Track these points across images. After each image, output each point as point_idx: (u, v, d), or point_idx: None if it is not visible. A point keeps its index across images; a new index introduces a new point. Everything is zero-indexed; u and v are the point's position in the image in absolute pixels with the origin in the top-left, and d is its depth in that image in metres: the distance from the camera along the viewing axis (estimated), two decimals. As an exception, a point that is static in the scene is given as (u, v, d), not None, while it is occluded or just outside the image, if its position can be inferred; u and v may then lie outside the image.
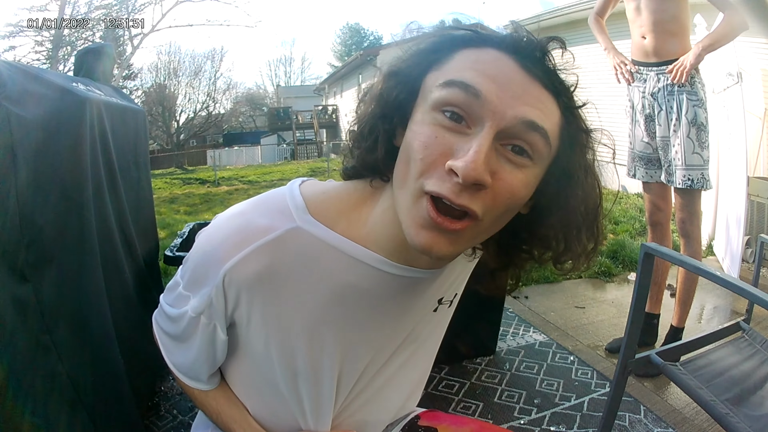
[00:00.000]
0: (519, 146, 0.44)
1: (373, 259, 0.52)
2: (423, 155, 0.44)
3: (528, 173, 0.46)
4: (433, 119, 0.45)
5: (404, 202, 0.46)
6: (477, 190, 0.43)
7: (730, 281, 0.93)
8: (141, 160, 1.70)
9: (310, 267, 0.52)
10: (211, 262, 0.52)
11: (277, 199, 0.54)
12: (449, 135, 0.44)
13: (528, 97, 0.44)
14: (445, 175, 0.43)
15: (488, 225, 0.47)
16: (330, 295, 0.54)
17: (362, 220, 0.53)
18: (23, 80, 0.90)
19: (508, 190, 0.44)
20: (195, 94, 25.50)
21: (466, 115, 0.44)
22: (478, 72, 0.44)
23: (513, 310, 2.37)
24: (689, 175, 1.74)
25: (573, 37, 6.66)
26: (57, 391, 0.89)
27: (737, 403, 1.06)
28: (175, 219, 5.29)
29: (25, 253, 0.83)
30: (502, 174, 0.44)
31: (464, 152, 0.42)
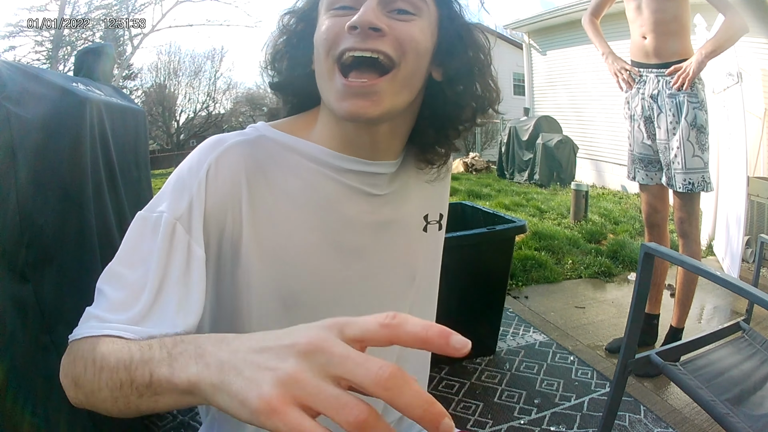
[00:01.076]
0: (398, 8, 0.52)
1: (329, 154, 0.56)
2: (326, 35, 0.52)
3: (418, 22, 0.53)
4: (329, 15, 0.53)
5: (325, 87, 0.53)
6: (378, 36, 0.49)
7: (730, 281, 0.93)
8: (141, 160, 1.70)
9: (281, 167, 0.55)
10: (190, 166, 0.51)
11: None
12: (344, 18, 0.51)
13: None
14: (347, 37, 0.50)
15: (407, 71, 0.52)
16: (300, 200, 0.55)
17: (311, 133, 0.58)
18: (23, 80, 0.90)
19: (407, 33, 0.51)
20: (195, 94, 25.48)
21: (353, 2, 0.51)
22: None
23: (513, 310, 2.37)
24: (690, 178, 1.74)
25: (573, 37, 6.67)
26: (57, 391, 0.89)
27: (737, 403, 1.06)
28: (175, 219, 5.29)
29: (25, 253, 0.83)
30: (396, 25, 0.51)
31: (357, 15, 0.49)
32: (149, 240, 0.48)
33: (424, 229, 0.67)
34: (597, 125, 6.73)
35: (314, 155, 0.56)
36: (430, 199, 0.68)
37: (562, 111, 7.35)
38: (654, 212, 1.94)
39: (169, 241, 0.47)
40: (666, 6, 1.70)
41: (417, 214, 0.66)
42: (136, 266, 0.47)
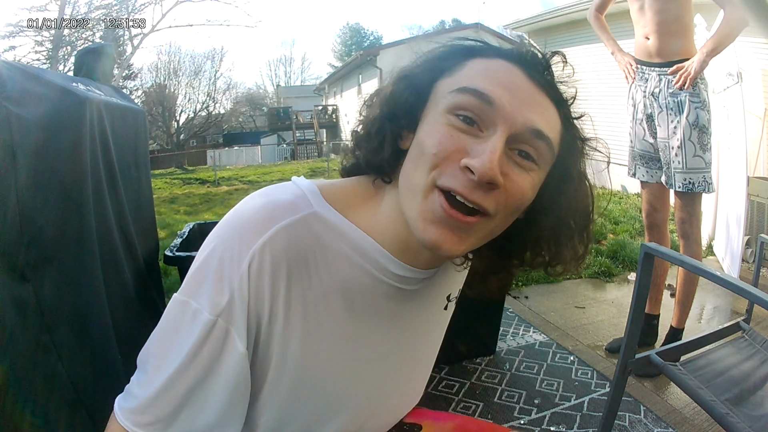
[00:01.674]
0: (526, 151, 0.47)
1: (378, 252, 0.52)
2: (437, 150, 0.45)
3: (534, 176, 0.48)
4: (447, 120, 0.46)
5: (413, 198, 0.47)
6: (490, 189, 0.44)
7: (730, 281, 0.93)
8: (141, 160, 1.70)
9: (325, 254, 0.51)
10: (231, 254, 0.47)
11: (288, 187, 0.53)
12: (463, 135, 0.46)
13: (535, 105, 0.47)
14: (459, 172, 0.44)
15: (497, 224, 0.48)
16: (340, 288, 0.52)
17: (370, 214, 0.53)
18: (23, 80, 0.90)
19: (519, 190, 0.46)
20: (195, 94, 25.54)
21: (479, 120, 0.46)
22: (489, 80, 0.46)
23: (513, 310, 2.37)
24: (690, 178, 1.73)
25: (573, 37, 6.66)
26: (57, 391, 0.89)
27: (737, 403, 1.06)
28: (175, 219, 5.30)
29: (25, 253, 0.83)
30: (513, 176, 0.46)
31: (479, 152, 0.44)
32: (187, 334, 0.47)
33: (444, 308, 0.67)
34: (597, 125, 6.72)
35: (365, 251, 0.52)
36: (453, 279, 0.66)
37: (562, 111, 7.34)
38: (654, 211, 1.94)
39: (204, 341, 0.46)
40: (668, 6, 1.70)
41: (441, 296, 0.65)
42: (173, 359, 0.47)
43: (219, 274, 0.46)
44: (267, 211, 0.49)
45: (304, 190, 0.52)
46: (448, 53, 0.51)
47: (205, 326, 0.46)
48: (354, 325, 0.54)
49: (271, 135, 23.46)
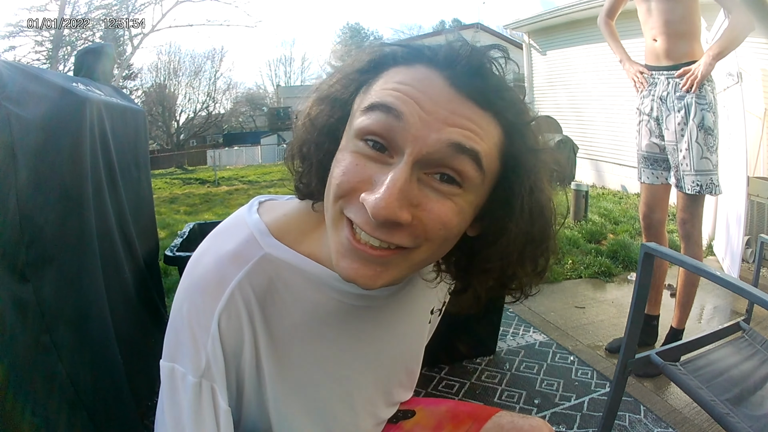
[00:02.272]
0: (446, 174, 0.41)
1: (333, 278, 0.50)
2: (340, 181, 0.42)
3: (459, 201, 0.42)
4: (356, 146, 0.43)
5: (328, 227, 0.46)
6: (393, 226, 0.40)
7: (730, 281, 0.93)
8: (141, 160, 1.70)
9: (283, 292, 0.51)
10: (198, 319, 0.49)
11: (239, 228, 0.52)
12: (370, 164, 0.42)
13: (456, 118, 0.40)
14: (361, 207, 0.41)
15: (426, 255, 0.44)
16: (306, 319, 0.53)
17: (322, 239, 0.52)
18: (23, 80, 0.90)
19: (438, 221, 0.41)
20: (195, 94, 25.52)
21: (388, 145, 0.41)
22: (401, 93, 0.41)
23: (513, 310, 2.37)
24: (698, 180, 1.74)
25: (573, 37, 6.67)
26: (57, 391, 0.89)
27: (737, 403, 1.06)
28: (175, 219, 5.29)
29: (25, 253, 0.83)
30: (429, 205, 0.41)
31: (377, 187, 0.40)
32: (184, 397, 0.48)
33: (429, 321, 0.68)
34: (597, 125, 6.73)
35: (321, 280, 0.51)
36: (431, 293, 0.64)
37: (562, 111, 7.34)
38: (651, 213, 1.93)
39: (198, 403, 0.48)
40: (674, 7, 1.71)
41: (423, 311, 0.65)
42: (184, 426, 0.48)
43: (192, 337, 0.48)
44: (220, 271, 0.49)
45: (252, 230, 0.51)
46: (366, 65, 0.46)
47: (194, 389, 0.48)
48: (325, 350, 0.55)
49: (271, 135, 23.46)
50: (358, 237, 0.42)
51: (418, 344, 0.70)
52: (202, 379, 0.48)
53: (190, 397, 0.48)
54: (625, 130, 5.04)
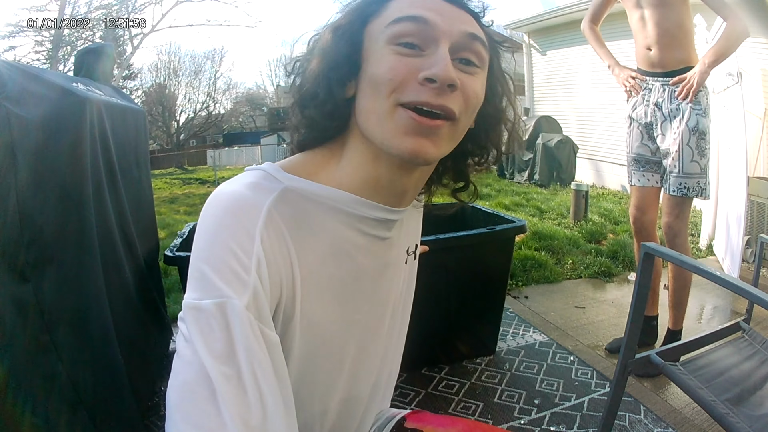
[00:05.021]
0: (466, 58, 0.52)
1: (353, 201, 0.54)
2: (392, 76, 0.49)
3: (480, 78, 0.53)
4: (391, 50, 0.50)
5: (379, 124, 0.50)
6: (451, 91, 0.49)
7: (730, 281, 0.93)
8: (141, 160, 1.70)
9: (309, 222, 0.52)
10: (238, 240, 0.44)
11: (251, 173, 0.52)
12: (410, 58, 0.49)
13: (462, 18, 0.52)
14: (419, 87, 0.48)
15: (462, 125, 0.53)
16: (329, 252, 0.53)
17: (333, 173, 0.55)
18: (23, 80, 0.90)
19: (472, 90, 0.51)
20: (195, 94, 25.52)
21: (420, 41, 0.50)
22: (418, 7, 0.50)
23: (513, 310, 2.37)
24: (685, 182, 1.73)
25: (573, 37, 6.66)
26: (57, 391, 0.89)
27: (737, 403, 1.06)
28: (175, 219, 5.29)
29: (25, 253, 0.83)
30: (464, 79, 0.51)
31: (432, 64, 0.48)
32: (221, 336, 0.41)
33: (405, 262, 0.67)
34: (597, 125, 6.73)
35: (341, 206, 0.53)
36: (413, 232, 0.69)
37: (562, 111, 7.35)
38: (641, 215, 1.91)
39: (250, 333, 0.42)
40: (668, 14, 1.70)
41: (403, 249, 0.66)
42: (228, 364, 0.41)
43: (233, 263, 0.43)
44: (250, 196, 0.48)
45: (266, 170, 0.52)
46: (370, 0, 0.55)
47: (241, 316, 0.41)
48: (345, 286, 0.56)
49: (271, 135, 23.45)
50: (419, 113, 0.49)
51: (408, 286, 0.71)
52: (247, 310, 0.42)
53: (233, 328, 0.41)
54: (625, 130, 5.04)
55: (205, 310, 0.41)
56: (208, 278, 0.43)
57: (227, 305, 0.41)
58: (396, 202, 0.57)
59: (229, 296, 0.42)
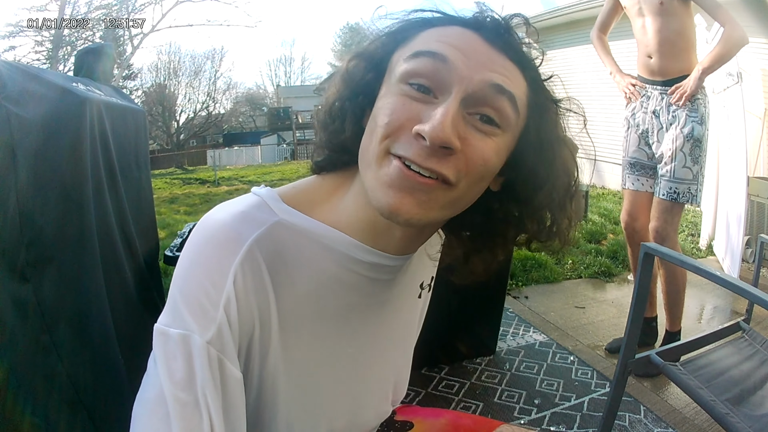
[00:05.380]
0: (487, 115, 0.44)
1: (348, 243, 0.50)
2: (389, 120, 0.44)
3: (498, 141, 0.45)
4: (400, 90, 0.45)
5: (368, 168, 0.46)
6: (445, 154, 0.42)
7: (730, 281, 0.93)
8: (141, 160, 1.70)
9: (296, 260, 0.50)
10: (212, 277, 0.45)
11: (248, 199, 0.51)
12: (416, 103, 0.44)
13: (493, 65, 0.45)
14: (412, 140, 0.43)
15: (462, 192, 0.45)
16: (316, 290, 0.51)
17: (335, 207, 0.52)
18: (23, 80, 0.90)
19: (480, 155, 0.44)
20: (195, 94, 25.55)
21: (433, 86, 0.44)
22: (443, 43, 0.45)
23: (513, 310, 2.37)
24: (676, 187, 1.73)
25: (573, 37, 6.67)
26: (57, 391, 0.89)
27: (737, 403, 1.06)
28: (175, 219, 5.29)
29: (25, 253, 0.83)
30: (472, 140, 0.44)
31: (428, 117, 0.42)
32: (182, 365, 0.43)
33: (419, 296, 0.66)
34: (596, 125, 6.73)
35: (335, 246, 0.50)
36: (425, 266, 0.65)
37: (562, 111, 7.34)
38: (633, 221, 1.91)
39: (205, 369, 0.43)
40: (669, 23, 1.71)
41: (414, 284, 0.64)
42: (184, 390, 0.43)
43: (202, 296, 0.44)
44: (235, 229, 0.47)
45: (264, 198, 0.50)
46: (404, 27, 0.50)
47: (201, 351, 0.43)
48: (329, 325, 0.54)
49: (271, 135, 23.46)
50: (408, 166, 0.43)
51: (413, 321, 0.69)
52: (209, 345, 0.43)
53: (194, 360, 0.42)
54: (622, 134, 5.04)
55: (171, 338, 0.43)
56: (178, 308, 0.44)
57: (190, 339, 0.43)
58: (397, 249, 0.53)
59: (193, 330, 0.43)
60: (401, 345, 0.68)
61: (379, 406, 0.66)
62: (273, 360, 0.50)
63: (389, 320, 0.61)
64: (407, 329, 0.68)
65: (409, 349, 0.71)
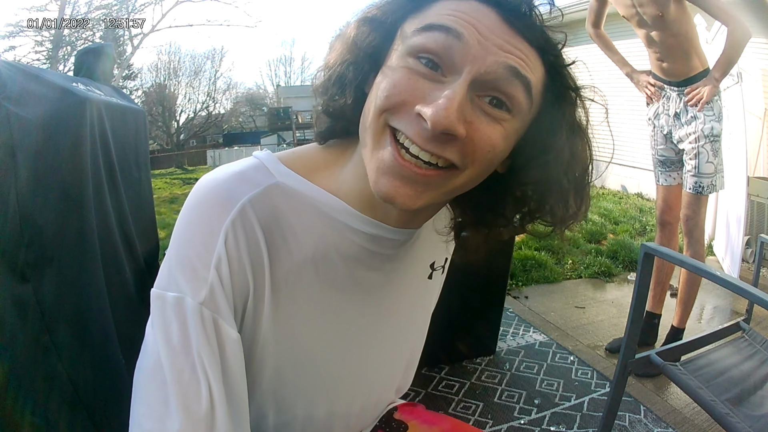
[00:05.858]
0: (497, 98, 0.42)
1: (346, 212, 0.49)
2: (389, 93, 0.41)
3: (507, 126, 0.43)
4: (407, 63, 0.42)
5: (367, 144, 0.44)
6: (448, 140, 0.40)
7: (730, 281, 0.93)
8: (141, 160, 1.70)
9: (292, 224, 0.48)
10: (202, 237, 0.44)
11: (246, 160, 0.50)
12: (422, 80, 0.41)
13: (510, 46, 0.42)
14: (413, 119, 0.41)
15: (468, 178, 0.44)
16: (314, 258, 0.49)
17: (335, 175, 0.50)
18: (23, 80, 0.90)
19: (488, 141, 0.42)
20: (195, 94, 25.55)
21: (443, 63, 0.41)
22: (459, 18, 0.41)
23: (513, 310, 2.37)
24: (701, 182, 1.84)
25: (573, 37, 6.64)
26: (57, 391, 0.89)
27: (737, 403, 1.06)
28: (175, 219, 5.27)
29: (25, 253, 0.83)
30: (479, 125, 0.41)
31: (435, 98, 0.39)
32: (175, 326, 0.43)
33: (429, 277, 0.63)
34: (596, 126, 6.73)
35: (333, 213, 0.49)
36: (436, 246, 0.62)
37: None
38: (668, 209, 2.01)
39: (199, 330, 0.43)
40: (671, 30, 1.74)
41: (424, 263, 0.62)
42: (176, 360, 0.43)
43: (193, 257, 0.44)
44: (228, 188, 0.45)
45: (263, 160, 0.49)
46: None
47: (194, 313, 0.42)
48: (329, 297, 0.52)
49: (271, 135, 23.41)
50: (403, 155, 0.41)
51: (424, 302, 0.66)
52: (203, 306, 0.43)
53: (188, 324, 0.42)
54: (625, 131, 5.04)
55: (167, 301, 0.43)
56: (172, 271, 0.44)
57: (184, 301, 0.43)
58: (397, 222, 0.51)
59: (186, 293, 0.43)
60: (411, 327, 0.65)
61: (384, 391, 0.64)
62: (265, 326, 0.49)
63: (397, 299, 0.59)
64: (418, 311, 0.65)
65: (419, 334, 0.68)
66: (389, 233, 0.51)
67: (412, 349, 0.69)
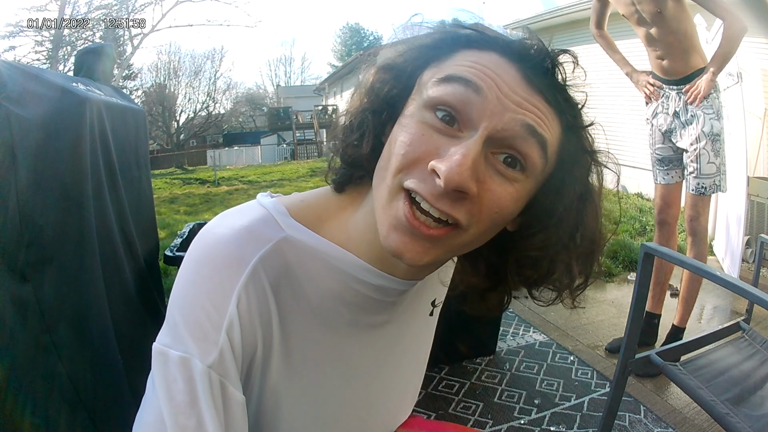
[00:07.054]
0: (512, 156, 0.41)
1: (354, 264, 0.49)
2: (405, 150, 0.41)
3: (519, 188, 0.42)
4: (423, 117, 0.42)
5: (380, 199, 0.44)
6: (459, 197, 0.40)
7: (730, 281, 0.93)
8: (141, 160, 1.70)
9: (301, 278, 0.48)
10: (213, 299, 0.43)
11: (252, 208, 0.49)
12: (438, 135, 0.41)
13: (528, 104, 0.41)
14: (426, 175, 0.40)
15: (472, 237, 0.43)
16: (321, 309, 0.50)
17: (344, 224, 0.50)
18: (23, 80, 0.90)
19: (496, 202, 0.41)
20: (195, 94, 25.56)
21: (460, 118, 0.41)
22: (479, 71, 0.41)
23: (513, 310, 2.37)
24: (703, 183, 1.84)
25: (573, 37, 6.66)
26: (57, 391, 0.89)
27: (737, 403, 1.06)
28: (175, 219, 5.29)
29: (25, 253, 0.83)
30: (491, 185, 0.41)
31: (450, 154, 0.39)
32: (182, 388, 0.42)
33: (430, 314, 0.64)
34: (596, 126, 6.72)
35: (342, 266, 0.48)
36: (438, 284, 0.62)
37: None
38: (666, 207, 2.00)
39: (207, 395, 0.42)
40: (670, 28, 1.75)
41: (425, 302, 0.62)
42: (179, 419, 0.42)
43: (203, 318, 0.43)
44: (240, 247, 0.45)
45: (270, 211, 0.48)
46: (438, 42, 0.46)
47: (202, 377, 0.42)
48: (336, 345, 0.52)
49: (271, 135, 23.44)
50: (416, 213, 0.41)
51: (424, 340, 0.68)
52: (211, 369, 0.42)
53: (195, 385, 0.41)
54: (625, 131, 5.04)
55: (171, 360, 0.42)
56: (178, 329, 0.43)
57: (191, 362, 0.42)
58: (404, 274, 0.50)
59: (194, 354, 0.42)
60: (414, 363, 0.66)
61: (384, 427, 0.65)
62: (275, 378, 0.49)
63: (401, 339, 0.60)
64: (421, 347, 0.67)
65: (421, 368, 0.70)
66: (396, 284, 0.51)
67: (416, 385, 0.70)
